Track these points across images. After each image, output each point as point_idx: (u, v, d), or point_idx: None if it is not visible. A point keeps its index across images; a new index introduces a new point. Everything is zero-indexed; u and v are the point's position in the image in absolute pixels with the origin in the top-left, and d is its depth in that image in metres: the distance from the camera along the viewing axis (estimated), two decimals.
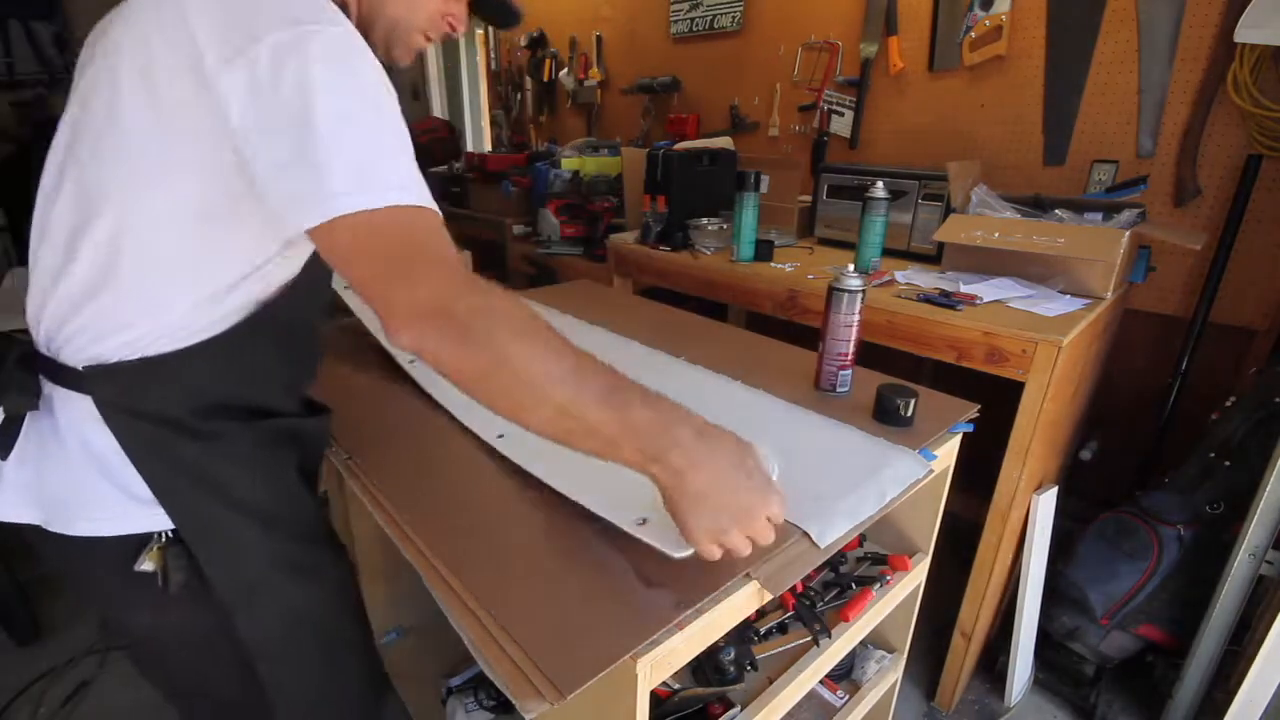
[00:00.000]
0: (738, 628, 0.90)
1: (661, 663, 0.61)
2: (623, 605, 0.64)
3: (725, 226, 1.82)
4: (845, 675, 1.24)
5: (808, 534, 0.73)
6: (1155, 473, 1.73)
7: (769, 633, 1.02)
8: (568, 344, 0.57)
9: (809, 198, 1.95)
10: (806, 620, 1.00)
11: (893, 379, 1.06)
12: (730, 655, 0.96)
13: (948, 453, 1.00)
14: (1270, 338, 1.60)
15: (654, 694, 0.83)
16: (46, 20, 3.15)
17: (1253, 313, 1.63)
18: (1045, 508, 1.42)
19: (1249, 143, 1.55)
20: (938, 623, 1.55)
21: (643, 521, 0.69)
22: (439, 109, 4.63)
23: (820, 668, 0.97)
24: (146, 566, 0.65)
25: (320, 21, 0.54)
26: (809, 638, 0.99)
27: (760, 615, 1.04)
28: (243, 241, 0.63)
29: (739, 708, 0.92)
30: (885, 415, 0.97)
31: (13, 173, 2.83)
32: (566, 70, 3.38)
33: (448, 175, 3.16)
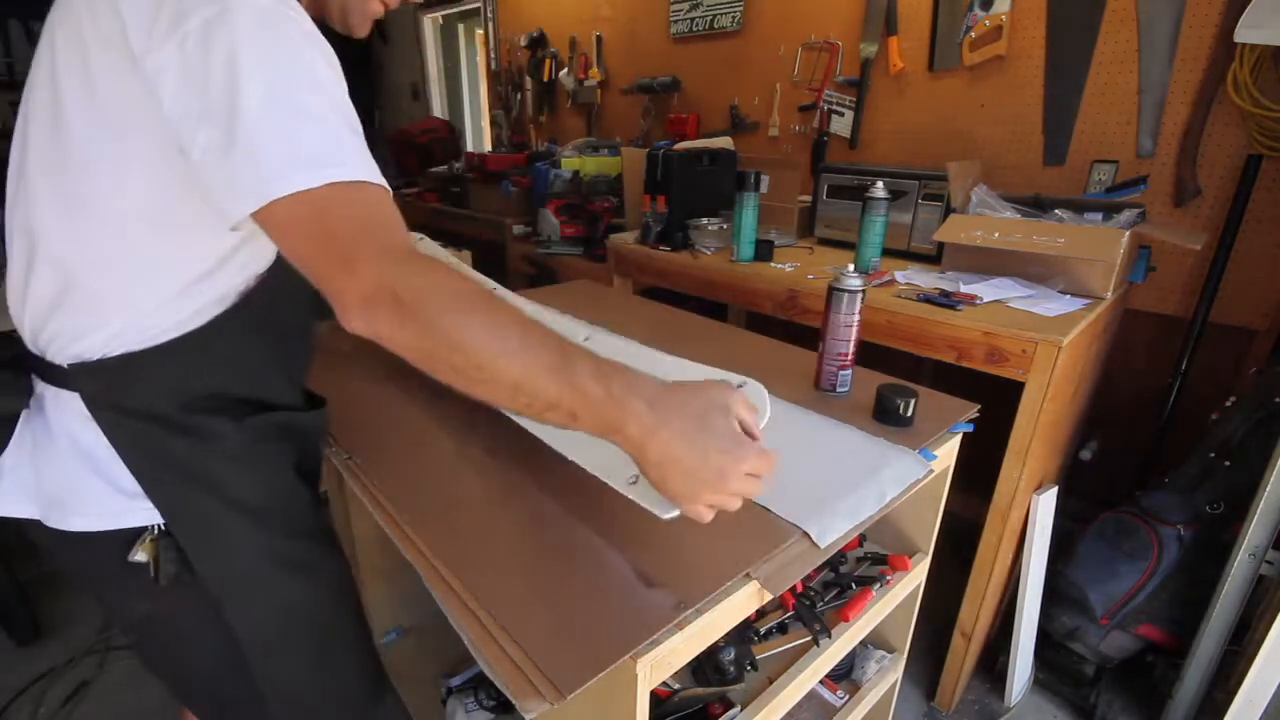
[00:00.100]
0: (738, 628, 0.90)
1: (661, 663, 0.61)
2: (623, 605, 0.64)
3: (725, 226, 1.82)
4: (845, 675, 1.24)
5: (808, 534, 0.73)
6: (1155, 473, 1.74)
7: (769, 633, 1.02)
8: (514, 316, 0.54)
9: (809, 198, 1.95)
10: (806, 620, 1.00)
11: (893, 379, 1.06)
12: (730, 655, 0.96)
13: (948, 453, 1.00)
14: (1270, 338, 1.60)
15: (654, 694, 0.84)
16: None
17: (1253, 313, 1.63)
18: (1045, 508, 1.42)
19: (1249, 143, 1.55)
20: (938, 623, 1.54)
21: (635, 480, 0.67)
22: (439, 109, 4.64)
23: (820, 668, 0.98)
24: (140, 558, 0.65)
25: None
26: (809, 638, 0.99)
27: (760, 615, 1.04)
28: (199, 234, 0.61)
29: (739, 708, 0.92)
30: (885, 415, 0.98)
31: None
32: (566, 70, 3.37)
33: (448, 175, 3.15)
